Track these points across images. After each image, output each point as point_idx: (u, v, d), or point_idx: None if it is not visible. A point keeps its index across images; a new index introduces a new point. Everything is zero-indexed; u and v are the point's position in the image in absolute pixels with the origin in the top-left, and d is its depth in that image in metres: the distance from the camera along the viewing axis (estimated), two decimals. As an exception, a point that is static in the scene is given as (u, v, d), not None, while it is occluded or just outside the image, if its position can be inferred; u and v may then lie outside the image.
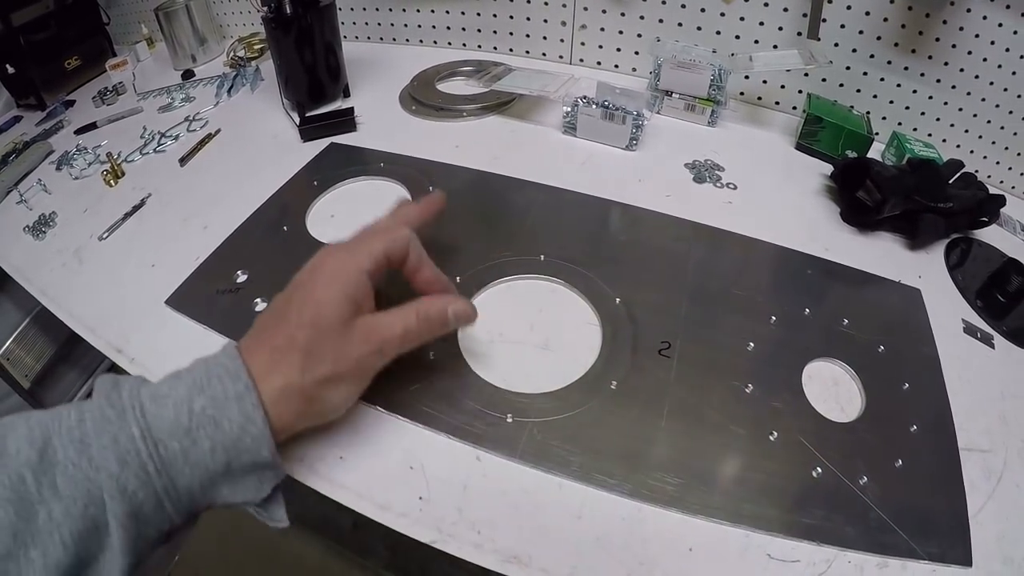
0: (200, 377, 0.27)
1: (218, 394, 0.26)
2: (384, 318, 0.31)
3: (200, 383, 0.26)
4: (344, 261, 0.31)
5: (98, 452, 0.24)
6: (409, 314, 0.31)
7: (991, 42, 0.54)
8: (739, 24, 0.65)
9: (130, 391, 0.26)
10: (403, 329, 0.31)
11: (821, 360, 0.40)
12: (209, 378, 0.27)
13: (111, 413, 0.25)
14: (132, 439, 0.24)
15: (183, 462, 0.25)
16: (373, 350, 0.30)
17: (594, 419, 0.36)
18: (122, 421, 0.25)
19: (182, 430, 0.25)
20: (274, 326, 0.30)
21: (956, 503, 0.33)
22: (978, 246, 0.53)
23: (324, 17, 0.64)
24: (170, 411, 0.25)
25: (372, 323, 0.30)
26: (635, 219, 0.52)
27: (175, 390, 0.26)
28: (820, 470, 0.34)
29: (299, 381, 0.28)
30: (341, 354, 0.29)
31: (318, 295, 0.29)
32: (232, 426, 0.26)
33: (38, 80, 0.80)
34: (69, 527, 0.23)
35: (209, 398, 0.26)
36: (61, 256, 0.53)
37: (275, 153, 0.63)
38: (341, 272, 0.30)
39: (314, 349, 0.28)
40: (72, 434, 0.24)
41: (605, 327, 0.41)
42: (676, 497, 0.32)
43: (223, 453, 0.26)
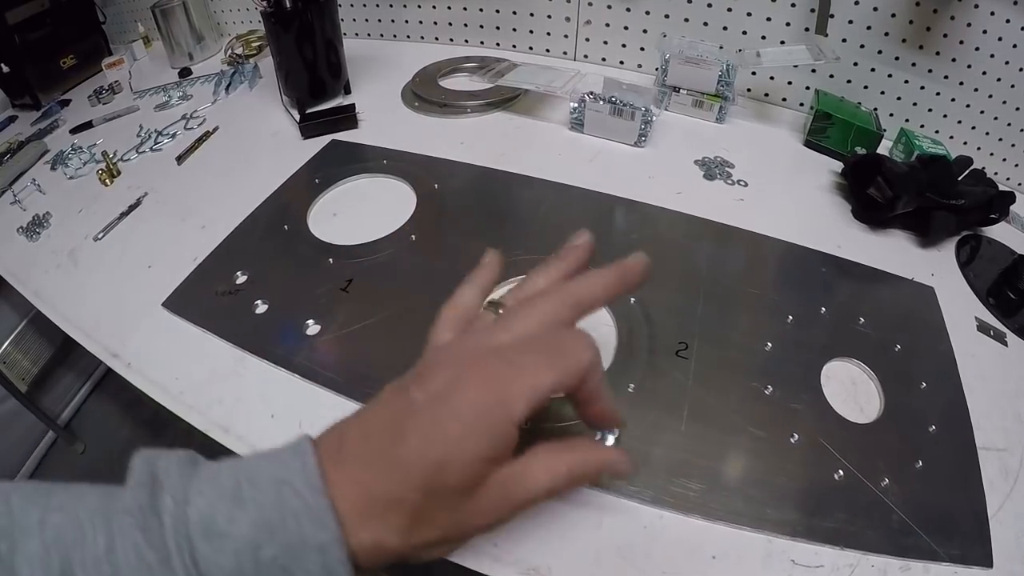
0: (270, 511, 0.20)
1: (294, 541, 0.20)
2: (524, 473, 0.23)
3: (271, 523, 0.20)
4: (492, 409, 0.22)
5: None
6: (559, 470, 0.23)
7: (999, 38, 0.54)
8: (746, 19, 0.64)
9: (175, 517, 0.19)
10: (547, 492, 0.23)
11: (839, 360, 0.40)
12: (283, 515, 0.20)
13: (151, 558, 0.19)
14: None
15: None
16: (493, 519, 0.23)
17: (612, 423, 0.35)
18: (166, 570, 0.19)
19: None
20: (376, 464, 0.22)
21: (976, 503, 0.33)
22: (988, 243, 0.53)
23: (325, 12, 0.63)
24: (230, 558, 0.19)
25: (507, 484, 0.22)
26: (647, 216, 0.51)
27: (236, 527, 0.20)
28: (841, 472, 0.33)
29: (397, 546, 0.21)
30: (459, 523, 0.22)
31: (444, 453, 0.21)
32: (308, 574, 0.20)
33: (33, 79, 0.79)
34: None
35: (282, 546, 0.20)
36: (55, 257, 0.52)
37: (275, 151, 0.62)
38: (485, 426, 0.21)
39: (424, 516, 0.21)
40: (101, 568, 0.19)
41: (620, 328, 0.40)
42: (698, 503, 0.31)
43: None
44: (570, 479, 0.23)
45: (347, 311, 0.42)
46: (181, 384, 0.39)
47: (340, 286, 0.44)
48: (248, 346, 0.40)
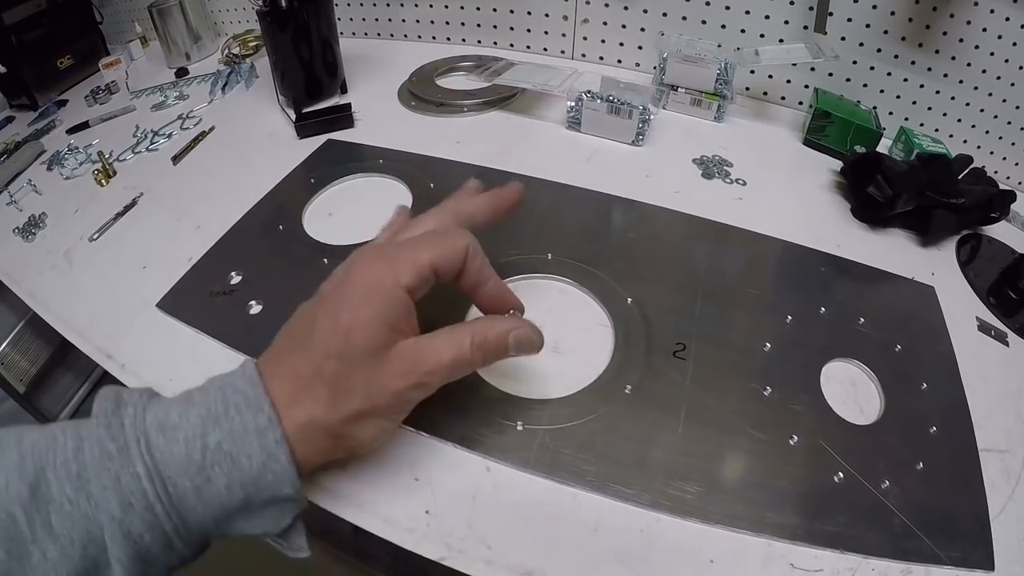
0: (215, 406, 0.24)
1: (236, 427, 0.23)
2: (430, 344, 0.26)
3: (215, 413, 0.23)
4: (381, 275, 0.26)
5: (98, 492, 0.21)
6: (462, 340, 0.26)
7: (998, 36, 0.54)
8: (744, 18, 0.64)
9: (134, 418, 0.23)
10: (453, 359, 0.26)
11: (839, 360, 0.39)
12: (226, 407, 0.23)
13: (112, 448, 0.22)
14: (137, 478, 0.22)
15: (195, 500, 0.23)
16: (414, 383, 0.25)
17: (609, 426, 0.34)
18: (125, 458, 0.22)
19: (194, 467, 0.22)
20: (298, 349, 0.26)
21: (977, 505, 0.32)
22: (988, 242, 0.53)
23: (321, 11, 0.63)
24: (181, 447, 0.22)
25: (414, 351, 0.26)
26: (645, 215, 0.50)
27: (186, 420, 0.23)
28: (842, 475, 0.33)
29: (325, 418, 0.24)
30: (375, 388, 0.25)
31: (347, 319, 0.25)
32: (252, 463, 0.23)
33: (30, 80, 0.79)
34: (67, 569, 0.21)
35: (226, 432, 0.23)
36: (51, 258, 0.51)
37: (270, 150, 0.61)
38: (376, 290, 0.25)
39: (343, 383, 0.24)
40: (69, 467, 0.22)
41: (617, 328, 0.40)
42: (696, 506, 0.31)
43: (240, 490, 0.23)
44: (474, 347, 0.26)
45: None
46: (175, 386, 0.39)
47: (335, 287, 0.43)
48: (242, 347, 0.39)
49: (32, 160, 0.67)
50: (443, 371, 0.26)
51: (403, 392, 0.25)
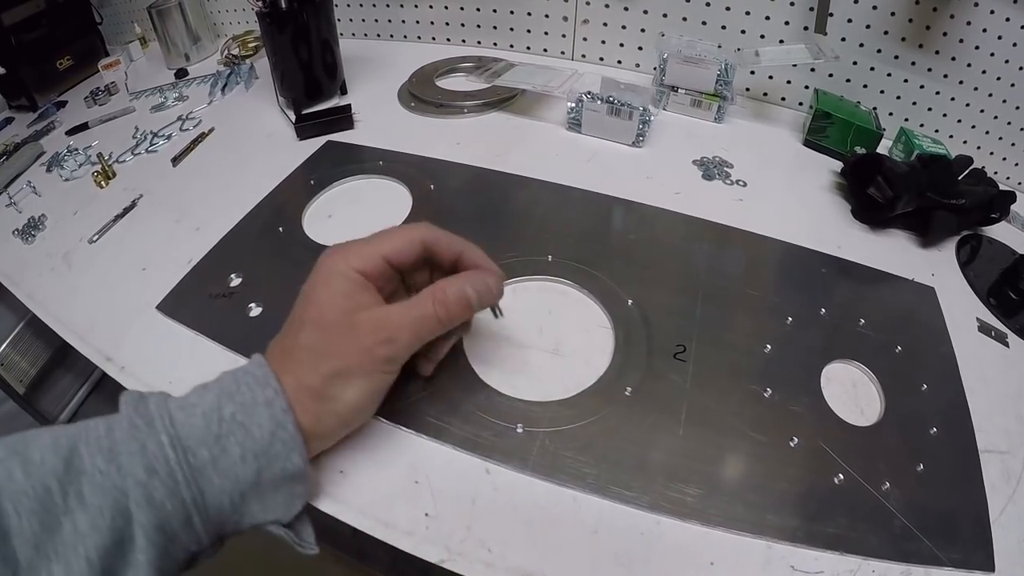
0: (228, 385, 0.27)
1: (247, 400, 0.26)
2: (396, 307, 0.30)
3: (229, 390, 0.26)
4: (335, 261, 0.30)
5: (126, 460, 0.23)
6: (424, 300, 0.30)
7: (998, 37, 0.54)
8: (745, 18, 0.64)
9: (157, 402, 0.26)
10: (415, 316, 0.29)
11: (839, 362, 0.39)
12: (238, 385, 0.26)
13: (140, 422, 0.25)
14: (161, 446, 0.24)
15: (212, 470, 0.24)
16: (382, 339, 0.28)
17: (609, 428, 0.34)
18: (151, 429, 0.24)
19: (212, 437, 0.25)
20: (284, 331, 0.30)
21: (978, 507, 0.32)
22: (988, 243, 0.53)
23: (321, 12, 0.63)
24: (199, 419, 0.25)
25: (380, 314, 0.29)
26: (645, 217, 0.50)
27: (203, 399, 0.26)
28: (842, 476, 0.33)
29: (308, 378, 0.27)
30: (347, 348, 0.28)
31: (316, 295, 0.30)
32: (263, 432, 0.25)
33: (30, 81, 0.79)
34: (95, 541, 0.22)
35: (239, 404, 0.26)
36: (50, 260, 0.51)
37: (270, 152, 0.61)
38: (333, 271, 0.30)
39: (317, 345, 0.28)
40: (101, 443, 0.24)
41: (618, 330, 0.40)
42: (697, 509, 0.31)
43: (253, 460, 0.25)
44: (436, 304, 0.29)
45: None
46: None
47: (335, 289, 0.43)
48: (241, 350, 0.39)
49: (31, 162, 0.67)
50: (408, 327, 0.29)
51: (372, 348, 0.28)
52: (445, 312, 0.30)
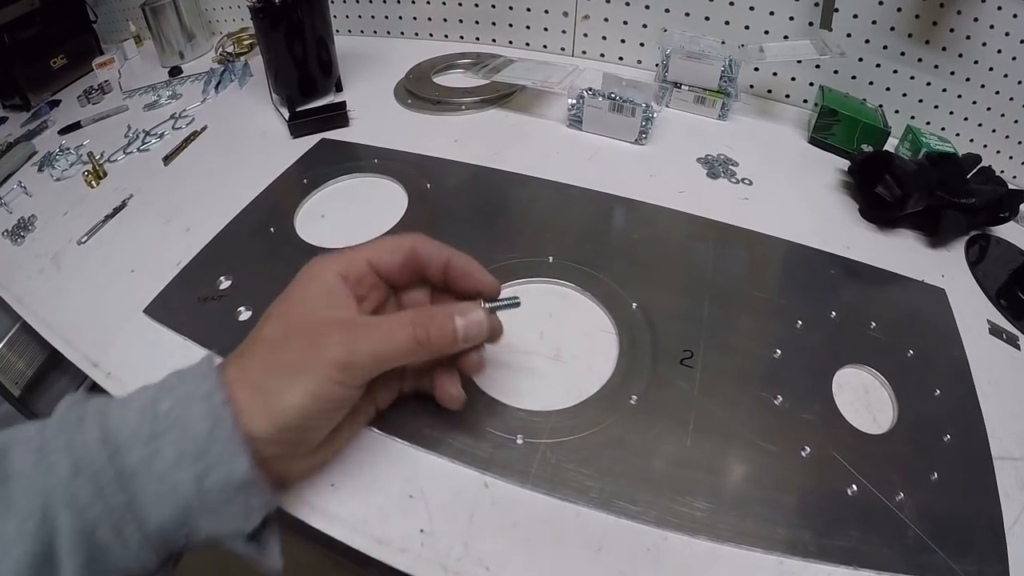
0: (170, 379, 0.25)
1: (184, 394, 0.23)
2: (373, 325, 0.27)
3: (169, 385, 0.24)
4: (318, 266, 0.29)
5: (54, 458, 0.21)
6: (402, 317, 0.27)
7: (1006, 33, 0.53)
8: (749, 14, 0.62)
9: (96, 401, 0.24)
10: (385, 330, 0.26)
11: (851, 367, 0.38)
12: (180, 379, 0.24)
13: (71, 417, 0.23)
14: (87, 443, 0.22)
15: (146, 474, 0.22)
16: (337, 341, 0.25)
17: (613, 438, 0.33)
18: (81, 425, 0.22)
19: (145, 436, 0.22)
20: (252, 335, 0.28)
21: (992, 516, 0.32)
22: (996, 243, 0.52)
23: (315, 8, 0.61)
24: (134, 415, 0.23)
25: (346, 318, 0.27)
26: (649, 216, 0.49)
27: (143, 395, 0.24)
28: (855, 487, 0.32)
29: (253, 369, 0.25)
30: (301, 344, 0.26)
31: (291, 294, 0.29)
32: (199, 429, 0.22)
33: (23, 80, 0.77)
34: (23, 548, 0.20)
35: (176, 399, 0.23)
36: (39, 262, 0.50)
37: (263, 150, 0.60)
38: (314, 276, 0.29)
39: (275, 338, 0.26)
40: (32, 443, 0.22)
41: (622, 335, 0.39)
42: (705, 523, 0.30)
43: (191, 464, 0.22)
44: (414, 325, 0.27)
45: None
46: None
47: (328, 292, 0.42)
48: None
49: (23, 161, 0.66)
50: (373, 338, 0.26)
51: (325, 348, 0.25)
52: (425, 335, 0.27)
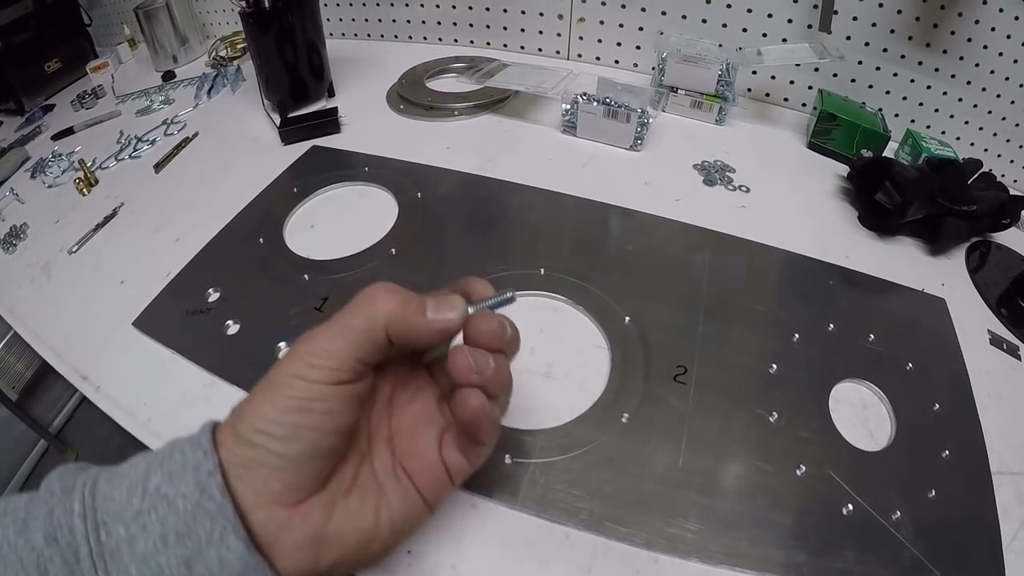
0: (164, 450, 0.22)
1: (176, 468, 0.21)
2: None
3: (162, 456, 0.22)
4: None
5: (33, 526, 0.20)
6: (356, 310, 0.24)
7: (1007, 35, 0.52)
8: (746, 16, 0.61)
9: (89, 472, 0.22)
10: (351, 319, 0.23)
11: (848, 381, 0.37)
12: (172, 450, 0.22)
13: (58, 487, 0.21)
14: (69, 514, 0.20)
15: (128, 554, 0.19)
16: (305, 340, 0.23)
17: (604, 458, 0.32)
18: (66, 496, 0.21)
19: (131, 512, 0.20)
20: None
21: (990, 533, 0.31)
22: (997, 249, 0.51)
23: (306, 12, 0.61)
24: (122, 491, 0.21)
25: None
26: (643, 226, 0.48)
27: (135, 467, 0.22)
28: (851, 507, 0.31)
29: (238, 423, 0.22)
30: (308, 367, 0.22)
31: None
32: (186, 503, 0.20)
33: (17, 84, 0.77)
34: None
35: (167, 473, 0.21)
36: (30, 271, 0.50)
37: (254, 157, 0.59)
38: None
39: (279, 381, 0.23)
40: (17, 514, 0.21)
41: (614, 350, 0.38)
42: (697, 545, 0.29)
43: (177, 543, 0.20)
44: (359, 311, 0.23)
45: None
46: (149, 410, 0.37)
47: (315, 305, 0.41)
48: (218, 370, 0.38)
49: (16, 168, 0.65)
50: (334, 320, 0.23)
51: (293, 351, 0.23)
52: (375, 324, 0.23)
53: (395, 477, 0.25)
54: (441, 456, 0.25)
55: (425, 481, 0.25)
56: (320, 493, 0.22)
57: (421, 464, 0.25)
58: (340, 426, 0.22)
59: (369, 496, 0.24)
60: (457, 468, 0.25)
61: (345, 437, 0.23)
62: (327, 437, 0.22)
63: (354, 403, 0.23)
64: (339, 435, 0.22)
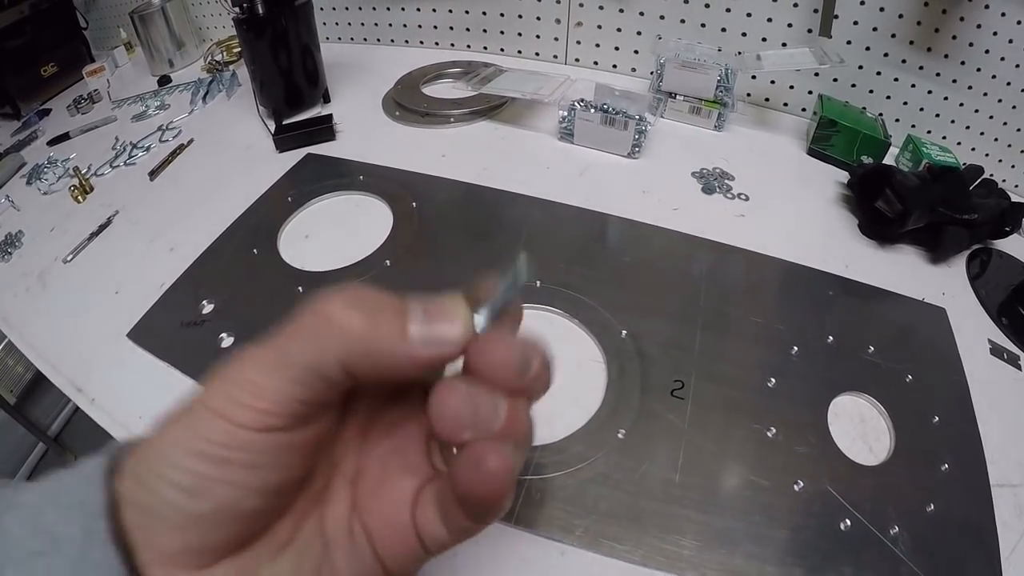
0: (69, 475, 0.17)
1: (69, 500, 0.16)
2: None
3: (63, 485, 0.17)
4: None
5: None
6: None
7: (1009, 40, 0.51)
8: (746, 21, 0.61)
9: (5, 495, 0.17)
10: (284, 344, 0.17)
11: (847, 394, 0.37)
12: (74, 477, 0.17)
13: None
14: None
15: None
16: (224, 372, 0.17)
17: (600, 475, 0.32)
18: None
19: (24, 553, 0.16)
20: None
21: (989, 546, 0.31)
22: (998, 256, 0.51)
23: (300, 17, 0.60)
24: (18, 527, 0.16)
25: None
26: (641, 236, 0.48)
27: (39, 492, 0.17)
28: (849, 522, 0.31)
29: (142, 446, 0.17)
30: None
31: None
32: (71, 549, 0.16)
33: (13, 89, 0.77)
34: None
35: (61, 507, 0.16)
36: (25, 280, 0.50)
37: (248, 165, 0.59)
38: None
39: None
40: None
41: (611, 364, 0.38)
42: (693, 562, 0.29)
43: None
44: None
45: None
46: (145, 424, 0.37)
47: (310, 318, 0.41)
48: (213, 385, 0.37)
49: (12, 174, 0.65)
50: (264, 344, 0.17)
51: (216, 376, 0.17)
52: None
53: (349, 535, 0.18)
54: (413, 518, 0.18)
55: (388, 546, 0.18)
56: (239, 554, 0.17)
57: (383, 523, 0.18)
58: (270, 484, 0.16)
59: (308, 559, 0.18)
60: (434, 538, 0.18)
61: (278, 497, 0.17)
62: (249, 497, 0.16)
63: (295, 455, 0.17)
64: (268, 495, 0.17)
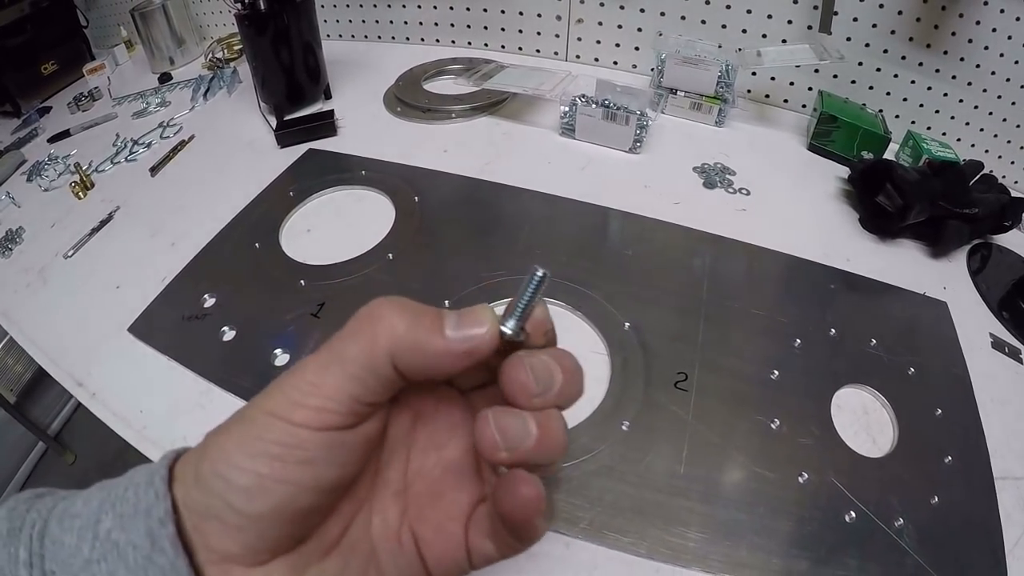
0: (120, 485, 0.18)
1: (127, 509, 0.17)
2: None
3: (115, 495, 0.18)
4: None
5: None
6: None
7: (1008, 36, 0.52)
8: (746, 17, 0.61)
9: (43, 506, 0.19)
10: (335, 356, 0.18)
11: (850, 387, 0.37)
12: (127, 486, 0.18)
13: (4, 528, 0.18)
14: (14, 561, 0.17)
15: None
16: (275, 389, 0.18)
17: (604, 467, 0.32)
18: (12, 539, 0.18)
19: (80, 561, 0.17)
20: None
21: (993, 538, 0.31)
22: (999, 251, 0.51)
23: (302, 13, 0.60)
24: (73, 537, 0.17)
25: None
26: (643, 230, 0.48)
27: (89, 504, 0.18)
28: (853, 514, 0.31)
29: (196, 452, 0.18)
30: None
31: None
32: (137, 555, 0.17)
33: (13, 87, 0.77)
34: None
35: (118, 515, 0.17)
36: (26, 275, 0.49)
37: (250, 161, 0.59)
38: None
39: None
40: None
41: (614, 356, 0.38)
42: (698, 554, 0.29)
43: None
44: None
45: (318, 339, 0.39)
46: (145, 418, 0.37)
47: (311, 311, 0.41)
48: (214, 377, 0.37)
49: (12, 171, 0.65)
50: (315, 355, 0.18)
51: (270, 390, 0.18)
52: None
53: (397, 541, 0.19)
54: (467, 532, 0.19)
55: (438, 556, 0.19)
56: (290, 553, 0.18)
57: (437, 534, 0.19)
58: (324, 482, 0.17)
59: (354, 561, 0.19)
60: (481, 553, 0.19)
61: (331, 494, 0.18)
62: (305, 495, 0.17)
63: (347, 454, 0.18)
64: (322, 492, 0.17)
